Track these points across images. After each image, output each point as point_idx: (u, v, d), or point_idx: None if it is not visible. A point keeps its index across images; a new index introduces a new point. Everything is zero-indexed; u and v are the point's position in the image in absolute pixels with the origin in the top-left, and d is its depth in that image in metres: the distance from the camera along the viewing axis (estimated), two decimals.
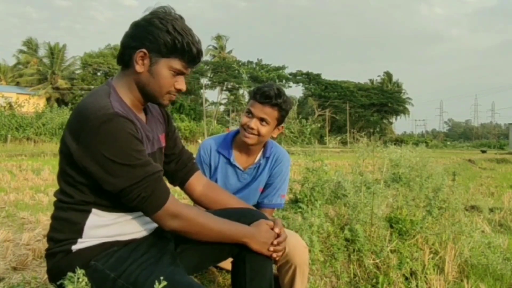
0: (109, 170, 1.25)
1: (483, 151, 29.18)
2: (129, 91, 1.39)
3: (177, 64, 1.36)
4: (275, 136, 2.07)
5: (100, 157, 1.24)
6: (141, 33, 1.34)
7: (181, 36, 1.33)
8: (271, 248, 1.48)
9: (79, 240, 1.34)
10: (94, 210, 1.35)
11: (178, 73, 1.39)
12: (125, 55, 1.37)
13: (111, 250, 1.36)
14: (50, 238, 1.38)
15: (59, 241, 1.35)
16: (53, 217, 1.39)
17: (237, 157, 2.09)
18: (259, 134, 1.97)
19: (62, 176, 1.35)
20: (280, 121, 2.02)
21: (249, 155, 2.10)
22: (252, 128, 1.96)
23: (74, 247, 1.34)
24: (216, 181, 2.10)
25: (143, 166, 1.29)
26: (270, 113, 1.96)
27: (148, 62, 1.35)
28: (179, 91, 1.41)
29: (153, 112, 1.55)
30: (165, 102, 1.43)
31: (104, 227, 1.36)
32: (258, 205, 2.16)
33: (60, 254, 1.35)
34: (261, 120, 1.96)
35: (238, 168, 2.09)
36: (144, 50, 1.33)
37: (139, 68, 1.35)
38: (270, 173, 2.11)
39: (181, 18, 1.38)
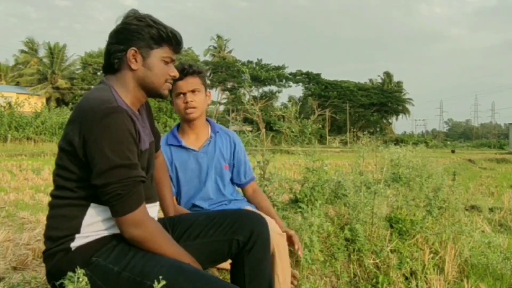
0: (98, 162, 1.27)
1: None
2: (126, 91, 1.43)
3: (166, 52, 1.46)
4: (209, 102, 2.19)
5: (95, 148, 1.27)
6: (125, 35, 1.42)
7: (162, 26, 1.44)
8: None
9: (77, 235, 1.34)
10: (92, 205, 1.36)
11: (169, 60, 1.48)
12: (114, 61, 1.43)
13: (111, 245, 1.36)
14: (47, 237, 1.38)
15: (57, 239, 1.35)
16: (49, 217, 1.39)
17: (187, 141, 2.14)
18: (198, 105, 2.07)
19: (61, 172, 1.35)
20: (205, 86, 2.14)
21: (198, 135, 2.15)
22: (191, 101, 2.05)
23: (73, 245, 1.34)
24: (176, 171, 2.12)
25: (129, 167, 1.31)
26: (194, 81, 2.07)
27: (141, 58, 1.43)
28: (174, 77, 1.51)
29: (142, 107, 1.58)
30: (165, 92, 1.50)
31: (102, 221, 1.37)
32: (241, 186, 2.23)
33: (59, 254, 1.34)
34: (192, 92, 2.06)
35: (192, 150, 2.12)
36: (134, 48, 1.41)
37: (134, 66, 1.42)
38: (233, 152, 2.18)
39: (150, 14, 1.48)
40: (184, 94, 2.06)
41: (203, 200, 2.11)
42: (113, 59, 1.43)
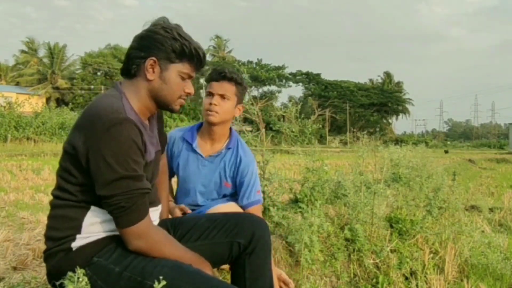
0: (103, 173, 1.26)
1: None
2: (137, 99, 1.41)
3: (186, 68, 1.43)
4: (237, 115, 2.14)
5: (100, 158, 1.25)
6: (148, 43, 1.38)
7: (187, 41, 1.40)
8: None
9: (78, 236, 1.34)
10: (93, 208, 1.36)
11: (187, 77, 1.44)
12: (132, 66, 1.40)
13: (112, 246, 1.36)
14: (48, 237, 1.38)
15: (58, 239, 1.35)
16: (50, 217, 1.39)
17: (200, 144, 2.11)
18: (220, 112, 2.02)
19: (64, 174, 1.35)
20: (239, 98, 2.09)
21: (214, 143, 2.12)
22: (215, 105, 2.01)
23: (74, 245, 1.34)
24: (178, 165, 2.12)
25: (134, 179, 1.30)
26: (228, 88, 2.03)
27: (159, 69, 1.40)
28: (188, 94, 1.46)
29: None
30: (176, 108, 1.46)
31: (103, 223, 1.37)
32: (243, 208, 2.09)
33: (60, 254, 1.34)
34: (222, 96, 2.03)
35: (199, 154, 2.10)
36: (153, 58, 1.38)
37: (150, 76, 1.39)
38: (236, 171, 2.09)
39: (180, 26, 1.44)
40: (213, 95, 2.03)
41: (191, 206, 2.08)
42: (131, 65, 1.40)
